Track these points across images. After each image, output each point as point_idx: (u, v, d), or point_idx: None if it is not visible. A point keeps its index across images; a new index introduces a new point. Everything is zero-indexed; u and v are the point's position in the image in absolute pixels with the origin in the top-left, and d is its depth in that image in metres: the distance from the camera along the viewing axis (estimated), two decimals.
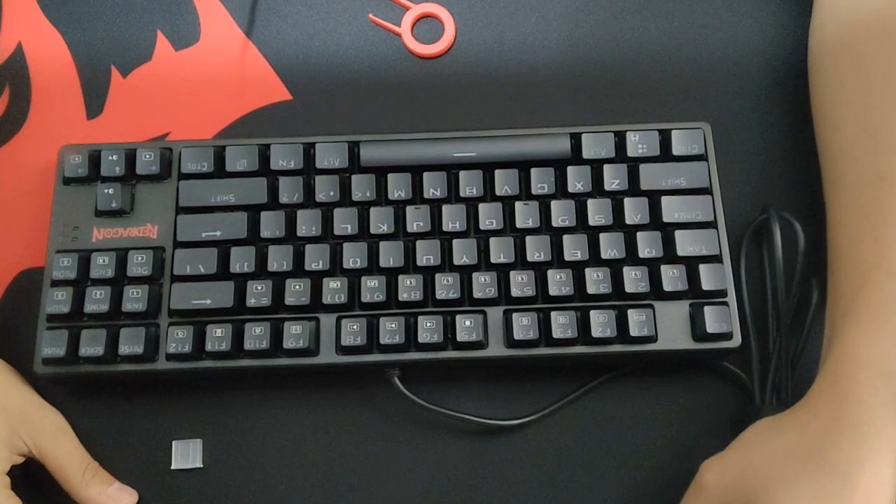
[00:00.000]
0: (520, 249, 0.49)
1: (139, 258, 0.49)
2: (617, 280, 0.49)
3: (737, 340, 0.48)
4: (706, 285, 0.48)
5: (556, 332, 0.48)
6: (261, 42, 0.58)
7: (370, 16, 0.58)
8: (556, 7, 0.58)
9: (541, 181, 0.50)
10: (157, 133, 0.56)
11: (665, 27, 0.58)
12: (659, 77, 0.57)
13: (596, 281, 0.48)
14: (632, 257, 0.49)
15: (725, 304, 0.48)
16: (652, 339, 0.48)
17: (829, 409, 0.41)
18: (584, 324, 0.48)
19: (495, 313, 0.49)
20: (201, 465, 0.50)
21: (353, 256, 0.49)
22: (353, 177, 0.51)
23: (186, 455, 0.50)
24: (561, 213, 0.50)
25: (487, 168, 0.51)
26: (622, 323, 0.48)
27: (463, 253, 0.49)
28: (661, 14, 0.58)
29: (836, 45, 0.50)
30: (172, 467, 0.50)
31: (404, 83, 0.57)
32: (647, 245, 0.49)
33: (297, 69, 0.57)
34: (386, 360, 0.48)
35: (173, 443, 0.50)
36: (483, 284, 0.49)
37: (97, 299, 0.48)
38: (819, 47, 0.52)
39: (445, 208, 0.50)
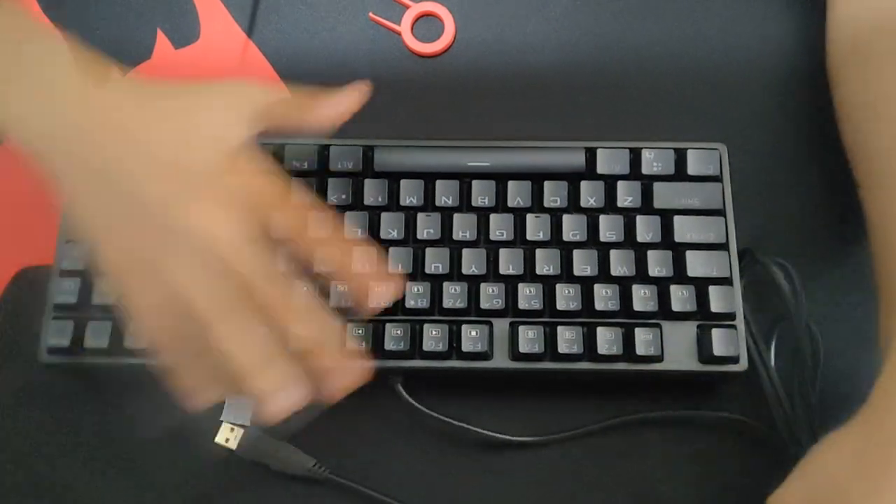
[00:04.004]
0: (529, 262, 0.49)
1: None
2: (625, 297, 0.48)
3: (743, 364, 0.48)
4: (715, 307, 0.48)
5: (562, 347, 0.47)
6: (260, 40, 0.58)
7: (370, 14, 0.58)
8: (557, 7, 0.58)
9: (553, 194, 0.50)
10: None
11: (667, 27, 0.57)
12: (659, 78, 0.56)
13: (604, 297, 0.48)
14: (641, 275, 0.49)
15: (734, 327, 0.48)
16: (658, 358, 0.48)
17: None
18: (590, 340, 0.48)
19: (501, 325, 0.49)
20: (248, 424, 0.49)
21: None
22: (366, 181, 0.50)
23: (239, 411, 0.49)
24: (572, 228, 0.49)
25: (501, 178, 0.50)
26: (628, 341, 0.48)
27: (472, 263, 0.49)
28: (663, 14, 0.58)
29: (859, 46, 0.49)
30: (221, 418, 0.49)
31: (404, 82, 0.57)
32: (658, 264, 0.49)
33: (297, 67, 0.57)
34: (389, 366, 0.48)
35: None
36: (490, 295, 0.48)
37: (105, 291, 0.48)
38: (841, 48, 0.51)
39: (456, 217, 0.50)
